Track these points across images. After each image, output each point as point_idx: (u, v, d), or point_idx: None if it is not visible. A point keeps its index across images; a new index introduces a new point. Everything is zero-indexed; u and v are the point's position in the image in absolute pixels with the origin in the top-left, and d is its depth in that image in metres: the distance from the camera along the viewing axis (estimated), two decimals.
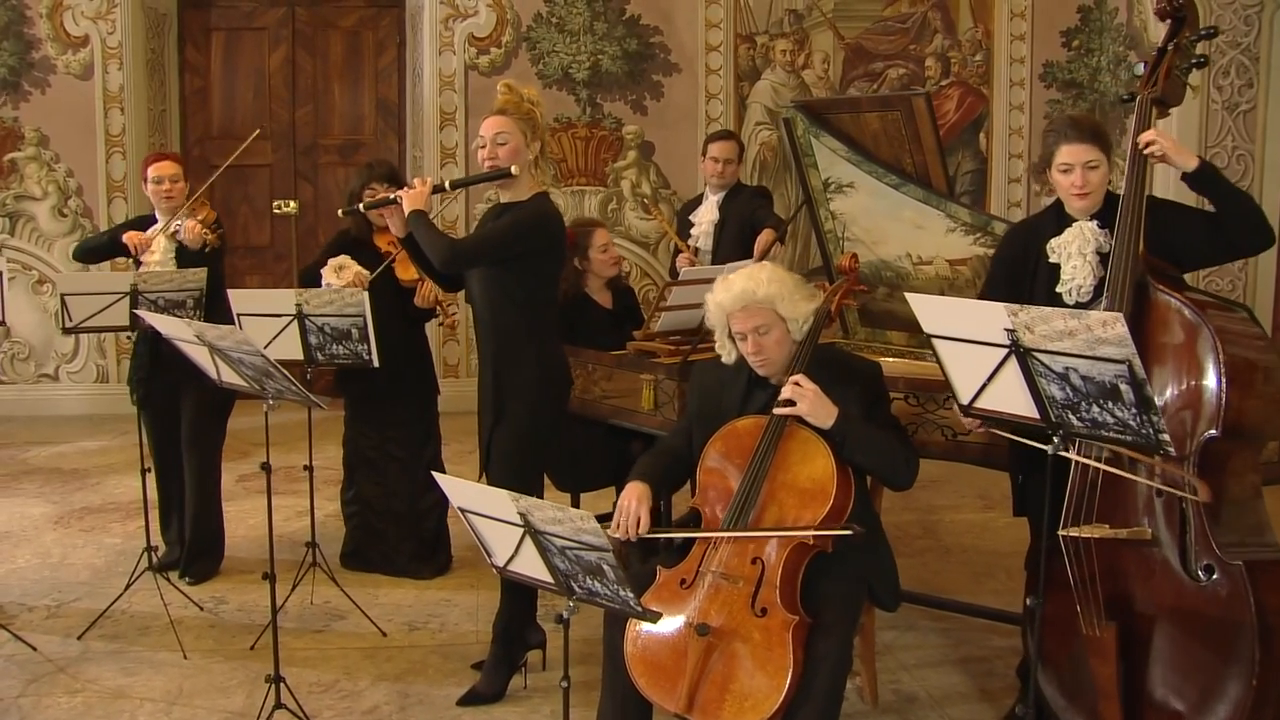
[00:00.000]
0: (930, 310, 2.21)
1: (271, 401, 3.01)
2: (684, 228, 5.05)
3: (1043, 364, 2.04)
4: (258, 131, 4.93)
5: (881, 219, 3.83)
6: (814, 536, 2.63)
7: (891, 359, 3.83)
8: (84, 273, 3.98)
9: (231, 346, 2.79)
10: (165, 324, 3.04)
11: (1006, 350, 2.08)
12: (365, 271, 4.09)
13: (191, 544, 4.32)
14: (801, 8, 7.41)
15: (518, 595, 3.37)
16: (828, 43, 7.46)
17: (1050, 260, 2.87)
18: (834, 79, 7.47)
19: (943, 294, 3.84)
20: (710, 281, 4.05)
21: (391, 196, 3.46)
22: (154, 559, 3.99)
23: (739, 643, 2.57)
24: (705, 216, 4.88)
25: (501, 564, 2.36)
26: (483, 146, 3.28)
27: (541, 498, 3.07)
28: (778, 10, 7.41)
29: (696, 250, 4.86)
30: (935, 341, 2.23)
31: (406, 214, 3.30)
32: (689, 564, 2.72)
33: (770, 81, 7.44)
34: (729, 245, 4.76)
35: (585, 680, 3.50)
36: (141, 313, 3.30)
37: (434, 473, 2.31)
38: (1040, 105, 7.57)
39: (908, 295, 2.22)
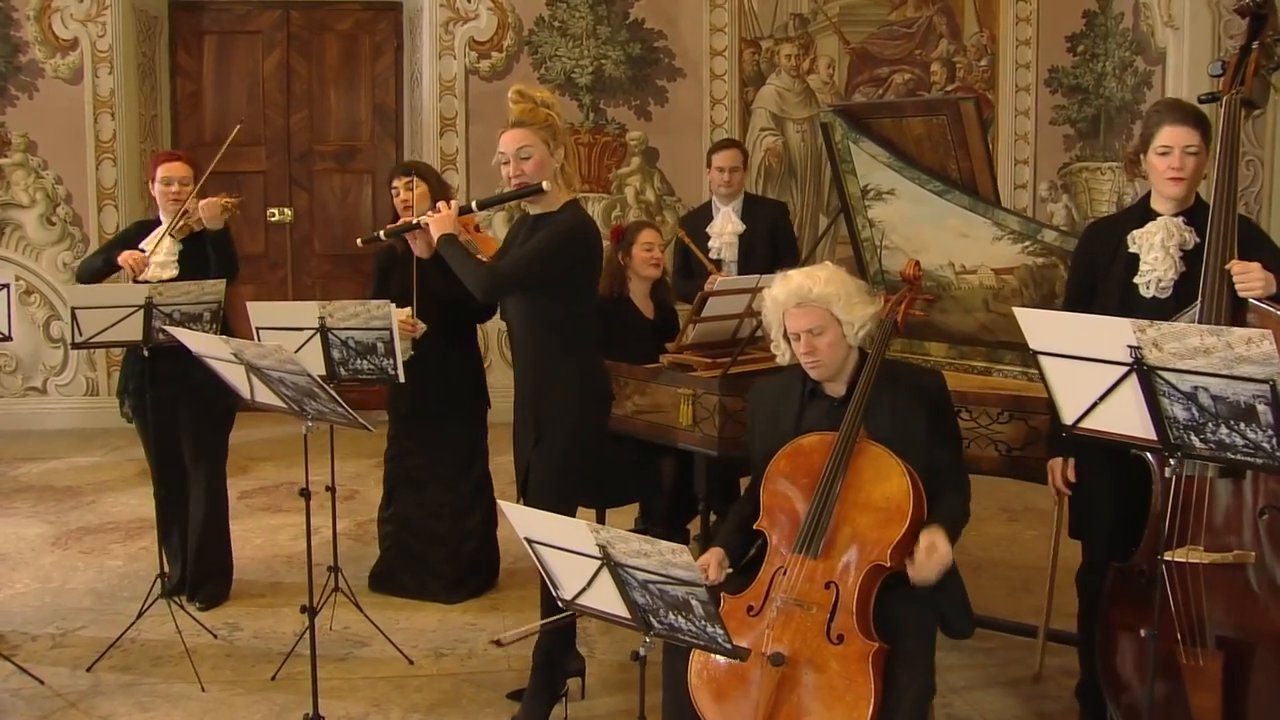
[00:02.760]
0: (1040, 325, 2.08)
1: (311, 424, 2.83)
2: (697, 241, 4.91)
3: (1168, 383, 1.92)
4: (238, 127, 4.67)
5: (923, 226, 3.72)
6: (891, 556, 2.50)
7: None
8: (95, 285, 3.78)
9: (273, 365, 2.62)
10: (198, 341, 2.87)
11: (1127, 368, 1.96)
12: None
13: (198, 565, 4.13)
14: (806, 12, 7.32)
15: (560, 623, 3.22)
16: (833, 47, 7.36)
17: (1130, 250, 2.77)
18: (839, 84, 7.37)
19: (986, 304, 3.75)
20: (744, 291, 3.97)
21: (415, 221, 3.32)
22: (166, 585, 3.80)
23: (814, 672, 2.44)
24: (725, 227, 4.75)
25: (570, 597, 2.21)
26: (505, 163, 3.12)
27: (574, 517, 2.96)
28: (782, 14, 7.31)
29: (719, 263, 4.73)
30: (1042, 359, 2.11)
31: (435, 239, 3.16)
32: (757, 589, 2.58)
33: (775, 87, 7.33)
34: (761, 255, 4.65)
35: (626, 709, 3.36)
36: (171, 329, 3.12)
37: (501, 503, 2.16)
38: (1046, 111, 7.52)
39: (1015, 310, 2.10)
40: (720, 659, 2.49)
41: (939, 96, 6.84)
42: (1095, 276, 2.86)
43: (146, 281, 3.83)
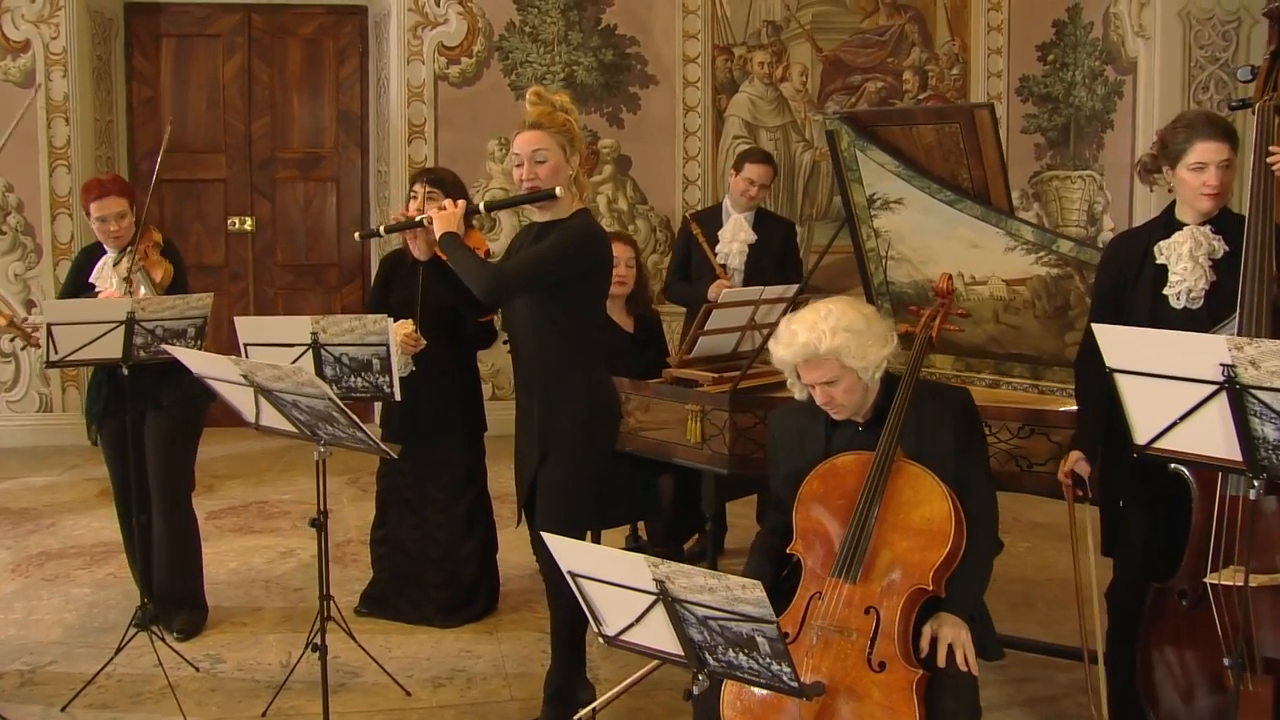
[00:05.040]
0: (1119, 343, 2.00)
1: (323, 449, 2.67)
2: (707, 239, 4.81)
3: (1262, 402, 1.84)
4: (169, 129, 4.42)
5: (931, 237, 3.64)
6: (933, 580, 2.41)
7: None
8: (74, 300, 3.56)
9: (289, 388, 2.46)
10: (201, 361, 2.69)
11: (1216, 387, 1.88)
12: None
13: (169, 590, 3.91)
14: (779, 19, 7.25)
15: (572, 651, 3.09)
16: (806, 55, 7.30)
17: (1157, 262, 2.72)
18: (812, 92, 7.32)
19: (996, 315, 3.68)
20: (749, 304, 3.87)
21: (418, 219, 3.18)
22: (144, 615, 3.59)
23: (856, 702, 2.34)
24: (737, 234, 4.65)
25: (613, 634, 2.08)
26: (519, 165, 3.00)
27: (584, 539, 2.83)
28: (755, 21, 7.24)
29: (724, 267, 4.62)
30: (1118, 377, 2.03)
31: (437, 236, 3.02)
32: (792, 615, 2.47)
33: (748, 94, 7.25)
34: (768, 270, 4.57)
35: None
36: (172, 349, 2.93)
37: (545, 535, 2.02)
38: (1017, 119, 7.52)
39: (1094, 327, 2.01)
40: (757, 689, 2.37)
41: (952, 104, 6.80)
42: (1121, 290, 2.81)
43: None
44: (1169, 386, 1.94)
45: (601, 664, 3.64)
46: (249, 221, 7.08)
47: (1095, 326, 2.03)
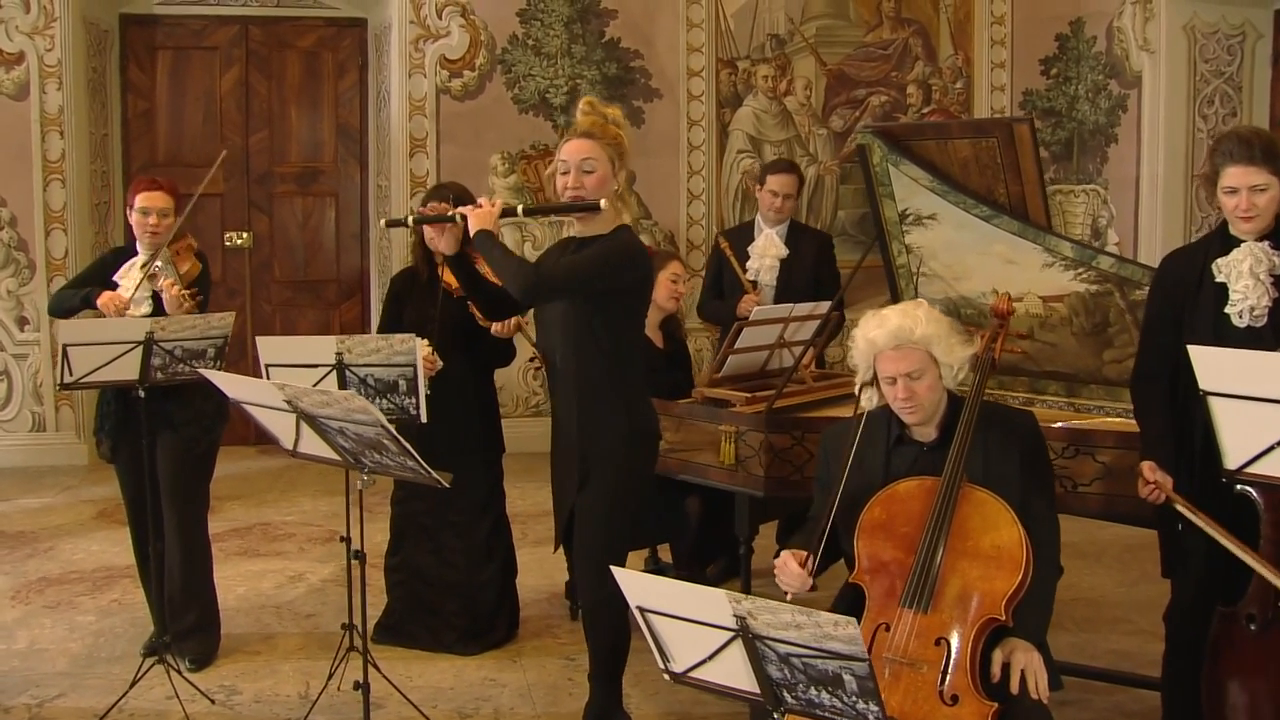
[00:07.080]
0: (1216, 365, 1.93)
1: (366, 477, 2.56)
2: (738, 257, 4.73)
3: None
4: (224, 154, 4.33)
5: (965, 253, 3.57)
6: (1005, 609, 2.33)
7: None
8: (91, 319, 3.44)
9: (338, 415, 2.35)
10: (239, 386, 2.58)
11: None
12: None
13: (180, 614, 3.78)
14: (783, 33, 7.20)
15: (611, 681, 3.00)
16: (810, 69, 7.25)
17: (1217, 280, 2.66)
18: (816, 106, 7.27)
19: (1031, 332, 3.61)
20: (778, 321, 3.79)
21: (450, 213, 3.07)
22: (153, 644, 3.47)
23: None
24: (769, 250, 4.56)
25: (681, 670, 1.99)
26: (565, 173, 2.91)
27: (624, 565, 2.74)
28: (759, 35, 7.18)
29: (755, 283, 4.55)
30: (1212, 400, 1.96)
31: (473, 233, 2.90)
32: None
33: (752, 108, 7.19)
34: (801, 285, 4.48)
35: None
36: (208, 373, 2.82)
37: (615, 570, 1.93)
38: None
39: (1190, 349, 1.94)
40: None
41: (989, 118, 6.76)
42: (1177, 308, 2.75)
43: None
44: (1268, 410, 1.88)
45: (631, 692, 3.53)
46: (246, 237, 6.96)
47: (1191, 349, 1.97)
